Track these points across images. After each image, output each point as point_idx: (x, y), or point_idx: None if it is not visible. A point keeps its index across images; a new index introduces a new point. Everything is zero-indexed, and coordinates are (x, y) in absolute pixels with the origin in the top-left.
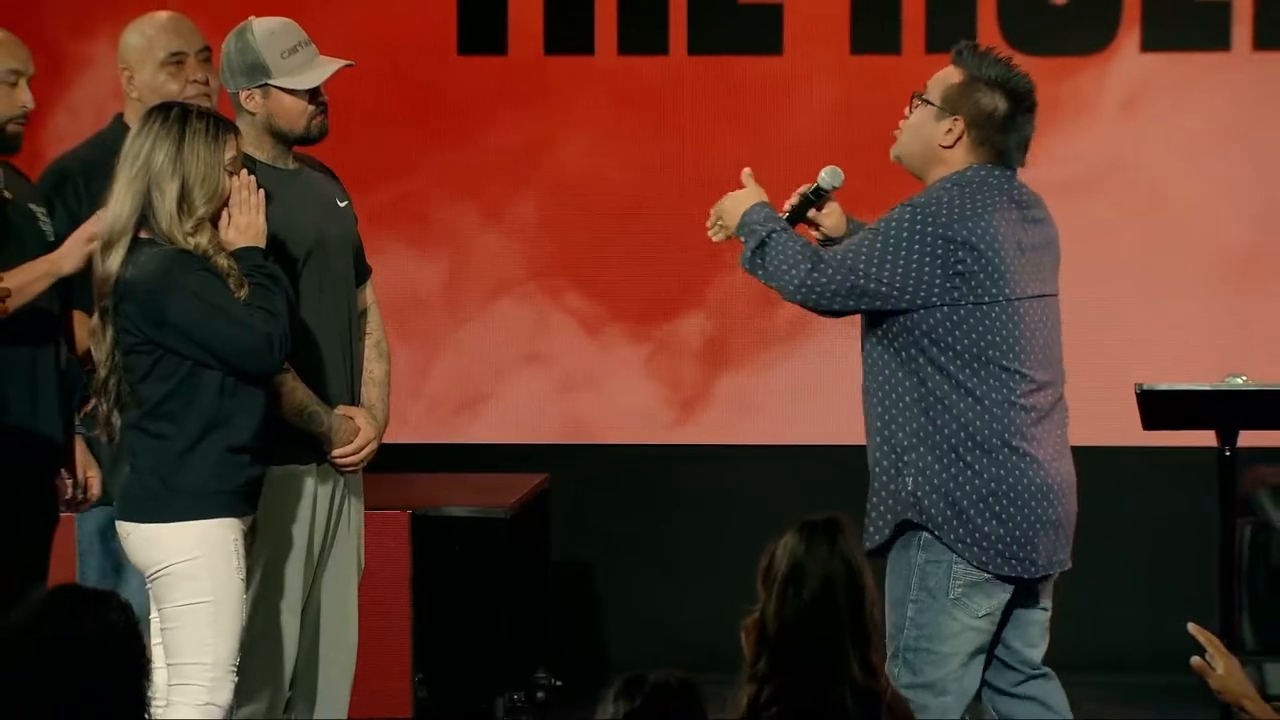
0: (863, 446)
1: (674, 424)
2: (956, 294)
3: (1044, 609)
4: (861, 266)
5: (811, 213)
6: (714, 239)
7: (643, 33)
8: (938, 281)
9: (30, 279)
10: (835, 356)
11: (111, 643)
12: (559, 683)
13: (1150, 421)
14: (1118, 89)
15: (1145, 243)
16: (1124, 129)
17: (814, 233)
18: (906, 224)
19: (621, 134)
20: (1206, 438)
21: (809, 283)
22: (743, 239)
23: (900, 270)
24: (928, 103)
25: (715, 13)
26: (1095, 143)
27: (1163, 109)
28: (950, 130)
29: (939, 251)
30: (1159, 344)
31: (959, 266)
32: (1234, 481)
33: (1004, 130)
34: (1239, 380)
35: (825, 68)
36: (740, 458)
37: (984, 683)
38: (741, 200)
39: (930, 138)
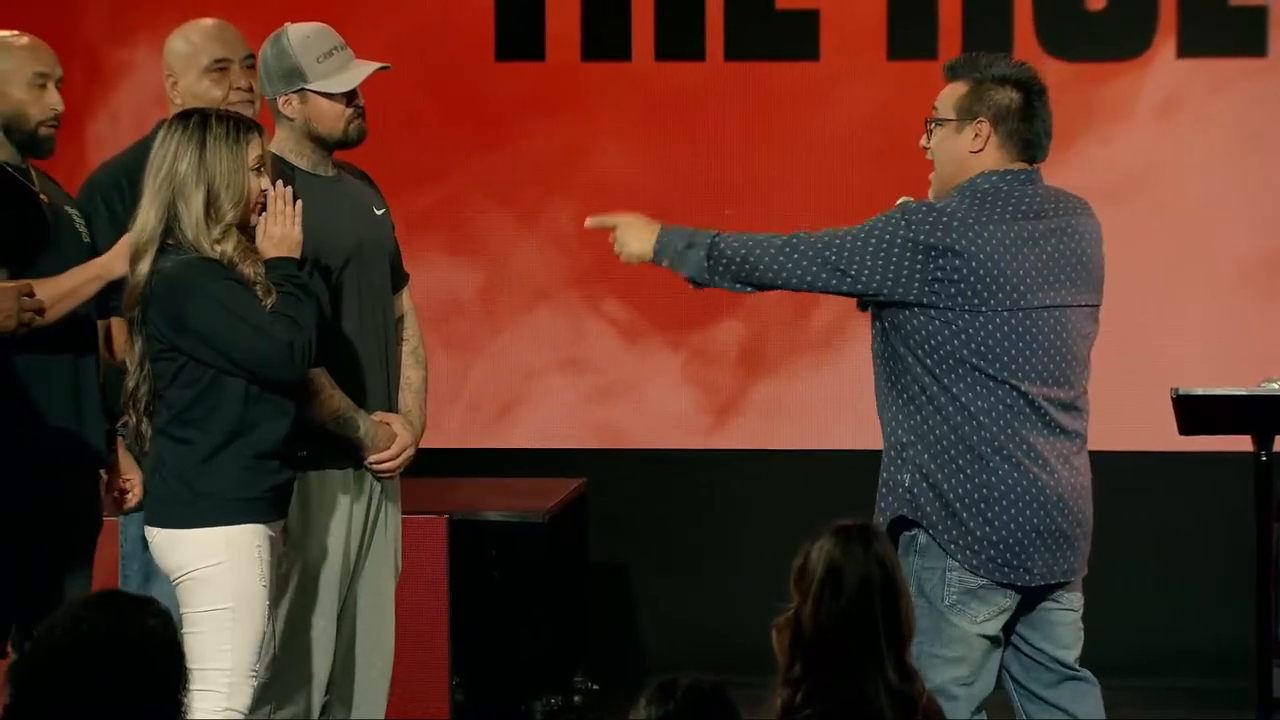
0: None
1: (710, 429)
2: (935, 298)
3: (1070, 609)
4: (837, 248)
5: None
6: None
7: (679, 39)
8: (915, 283)
9: (80, 282)
10: (868, 363)
11: (149, 648)
12: (596, 686)
13: (1186, 426)
14: (1154, 94)
15: (1181, 247)
16: (1160, 134)
17: None
18: (894, 222)
19: (658, 140)
20: (1242, 442)
21: (781, 259)
22: (671, 258)
23: (880, 262)
24: (944, 121)
25: (752, 19)
26: (1131, 148)
27: (1199, 114)
28: (977, 134)
29: (919, 256)
30: (1194, 348)
31: (938, 273)
32: (1269, 485)
33: (1026, 119)
34: (1275, 385)
35: (862, 74)
36: (775, 463)
37: (1016, 684)
38: (638, 227)
39: (957, 151)
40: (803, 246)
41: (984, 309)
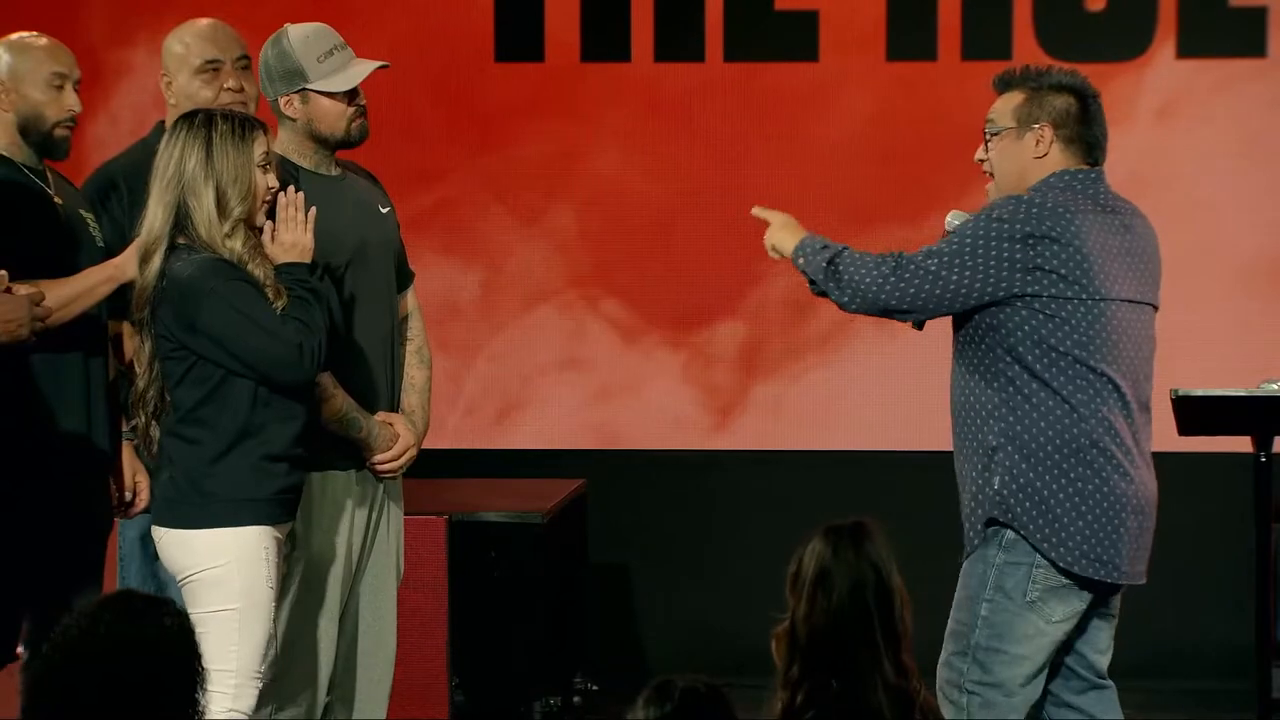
0: (895, 453)
1: (710, 430)
2: (1037, 287)
3: (1112, 614)
4: (937, 257)
5: None
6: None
7: (679, 40)
8: (1018, 273)
9: (94, 283)
10: (869, 364)
11: (165, 649)
12: (595, 687)
13: (1186, 427)
14: (1154, 95)
15: (1181, 249)
16: (1160, 135)
17: None
18: (983, 226)
19: (657, 141)
20: (1242, 443)
21: (888, 288)
22: (805, 257)
23: (980, 260)
24: (1003, 130)
25: (751, 20)
26: (1131, 149)
27: (1199, 115)
28: (1040, 139)
29: (1017, 246)
30: (1194, 350)
31: (1038, 260)
32: (1269, 486)
33: (1085, 123)
34: (1275, 386)
35: (861, 75)
36: (775, 464)
37: (1045, 690)
38: (791, 226)
39: (1022, 157)
40: (907, 263)
41: (1083, 295)
